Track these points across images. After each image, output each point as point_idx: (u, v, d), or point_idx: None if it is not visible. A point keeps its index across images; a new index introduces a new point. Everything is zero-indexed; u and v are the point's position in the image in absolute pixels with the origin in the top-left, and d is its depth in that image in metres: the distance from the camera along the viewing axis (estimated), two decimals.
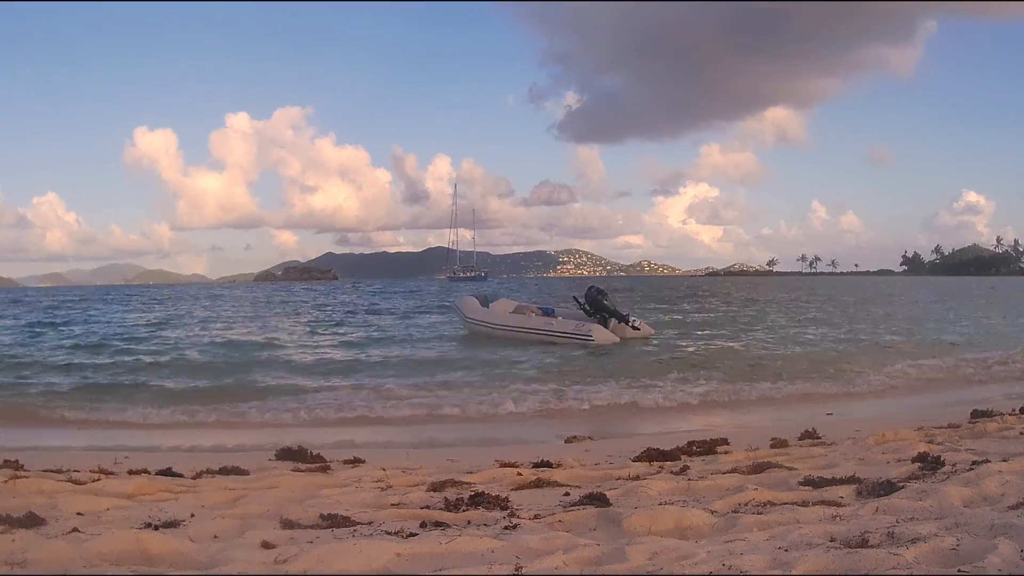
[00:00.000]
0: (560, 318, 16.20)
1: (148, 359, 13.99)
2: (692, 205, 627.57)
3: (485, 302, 17.76)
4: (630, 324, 15.99)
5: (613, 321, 15.87)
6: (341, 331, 20.94)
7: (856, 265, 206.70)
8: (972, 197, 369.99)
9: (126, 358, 14.15)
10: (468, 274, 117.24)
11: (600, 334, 15.08)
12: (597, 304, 16.03)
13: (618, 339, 15.32)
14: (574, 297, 17.22)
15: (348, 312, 30.35)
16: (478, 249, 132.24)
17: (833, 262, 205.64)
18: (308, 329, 21.62)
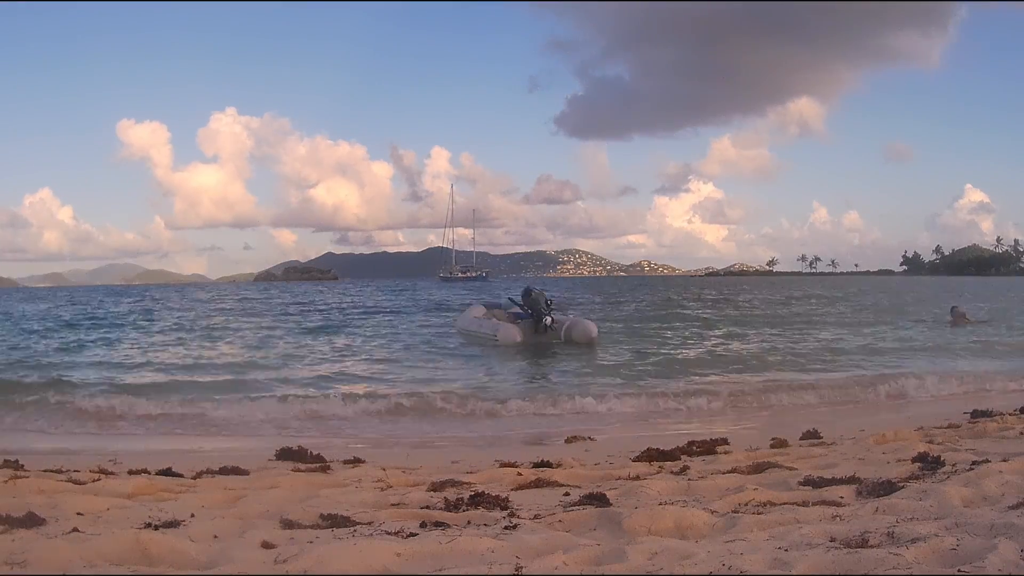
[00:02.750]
0: (493, 320, 17.23)
1: None
2: (698, 203, 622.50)
3: (493, 307, 18.93)
4: (544, 323, 16.39)
5: (548, 318, 16.58)
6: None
7: (856, 265, 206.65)
8: (978, 196, 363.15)
9: None
10: (467, 274, 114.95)
11: (504, 334, 15.89)
12: (528, 302, 16.80)
13: (519, 339, 15.88)
14: (510, 298, 18.29)
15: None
16: (479, 249, 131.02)
17: (833, 262, 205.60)
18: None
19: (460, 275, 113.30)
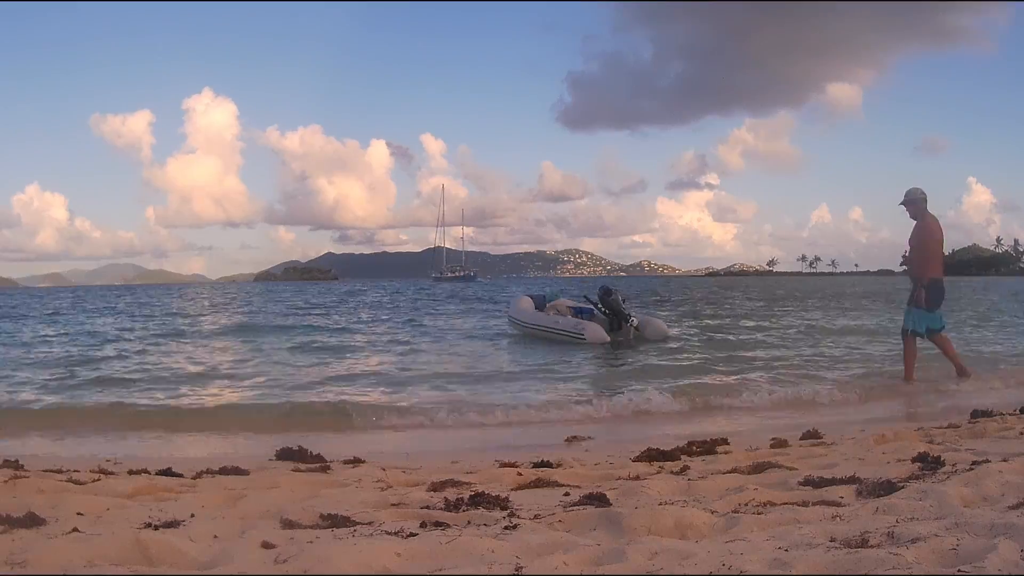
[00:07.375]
0: (569, 317, 16.87)
1: None
2: (709, 201, 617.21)
3: (541, 303, 18.59)
4: (628, 324, 16.38)
5: (635, 319, 16.49)
6: None
7: (856, 265, 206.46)
8: (986, 196, 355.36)
9: None
10: (456, 274, 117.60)
11: (592, 333, 15.73)
12: (605, 303, 16.70)
13: (608, 339, 15.85)
14: (585, 296, 17.97)
15: None
16: (480, 249, 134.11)
17: (833, 262, 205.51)
18: None
19: (450, 275, 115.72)
